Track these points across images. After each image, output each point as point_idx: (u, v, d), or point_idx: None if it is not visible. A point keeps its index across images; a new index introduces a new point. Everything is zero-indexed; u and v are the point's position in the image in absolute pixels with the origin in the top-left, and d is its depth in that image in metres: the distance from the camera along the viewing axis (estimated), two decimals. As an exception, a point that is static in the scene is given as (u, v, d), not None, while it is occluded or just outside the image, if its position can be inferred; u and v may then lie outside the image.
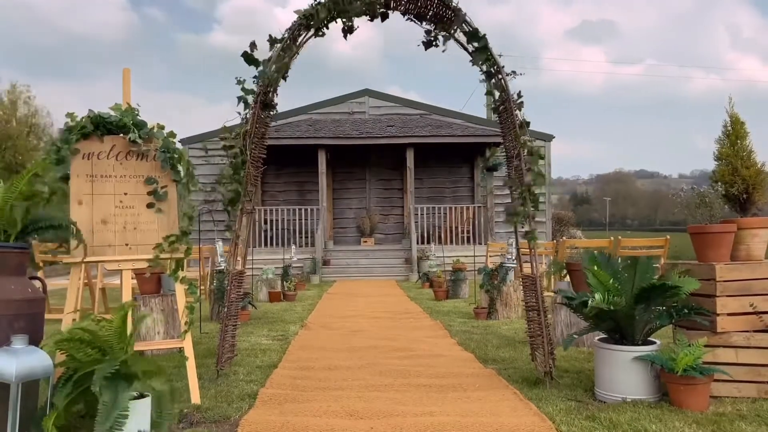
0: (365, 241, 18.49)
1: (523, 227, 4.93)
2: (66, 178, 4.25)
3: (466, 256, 13.97)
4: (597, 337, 4.57)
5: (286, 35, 5.04)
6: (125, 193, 4.43)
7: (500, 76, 4.95)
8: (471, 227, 17.06)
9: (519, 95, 4.92)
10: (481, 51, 4.93)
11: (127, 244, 4.40)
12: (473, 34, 4.91)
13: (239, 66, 5.01)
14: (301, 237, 17.08)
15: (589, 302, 4.29)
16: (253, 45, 5.00)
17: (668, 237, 10.53)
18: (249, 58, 5.00)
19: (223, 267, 8.74)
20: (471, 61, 4.99)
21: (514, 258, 9.20)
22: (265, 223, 17.03)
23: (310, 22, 5.03)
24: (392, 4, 5.10)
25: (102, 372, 3.19)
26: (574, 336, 4.68)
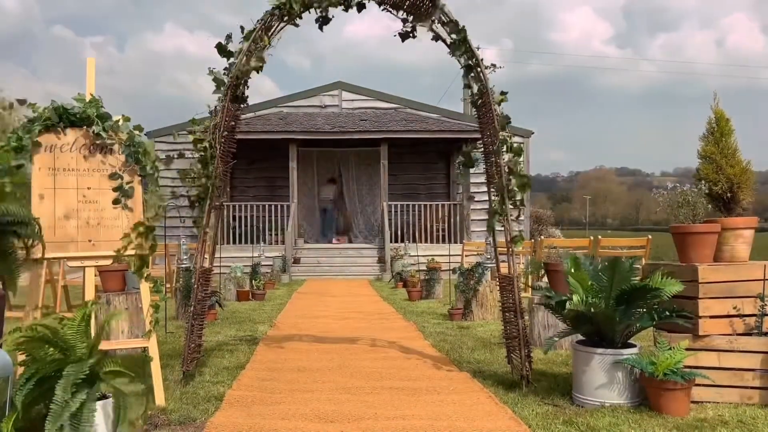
0: (337, 239, 18.30)
1: (502, 227, 4.82)
2: (20, 167, 4.06)
3: (441, 255, 13.74)
4: (576, 340, 4.48)
5: (257, 26, 4.91)
6: (89, 188, 4.32)
7: (479, 69, 4.85)
8: (446, 225, 16.89)
9: (502, 93, 4.82)
10: (459, 43, 4.81)
11: (90, 240, 4.30)
12: (453, 26, 4.79)
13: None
14: (271, 234, 16.74)
15: (567, 304, 4.19)
16: (228, 37, 4.91)
17: (650, 237, 10.52)
18: (222, 50, 4.91)
19: (187, 265, 8.56)
20: (449, 52, 4.89)
21: (491, 258, 9.09)
22: (234, 219, 16.73)
23: (283, 13, 4.89)
24: (368, -6, 4.97)
25: (71, 375, 3.13)
26: (555, 339, 4.62)
